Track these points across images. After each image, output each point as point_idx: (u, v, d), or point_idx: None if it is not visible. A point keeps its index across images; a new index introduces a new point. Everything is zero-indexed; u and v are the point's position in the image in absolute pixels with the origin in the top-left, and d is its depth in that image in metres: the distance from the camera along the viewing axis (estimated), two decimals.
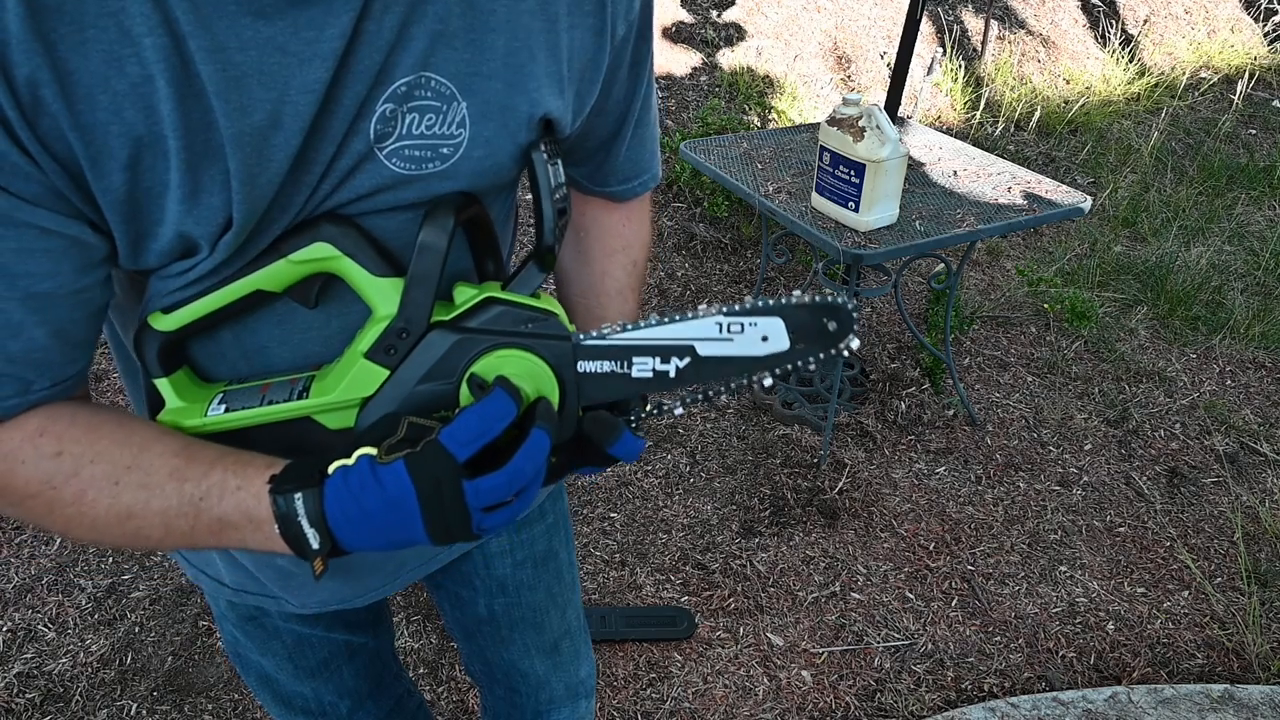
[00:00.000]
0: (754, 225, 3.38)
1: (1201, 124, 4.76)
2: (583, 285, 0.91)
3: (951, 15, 4.72)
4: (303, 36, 0.54)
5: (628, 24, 0.70)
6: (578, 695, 1.17)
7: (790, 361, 0.68)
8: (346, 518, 0.58)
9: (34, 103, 0.50)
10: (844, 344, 0.69)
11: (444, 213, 0.62)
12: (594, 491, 2.39)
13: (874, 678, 1.94)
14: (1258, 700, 1.85)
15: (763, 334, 0.67)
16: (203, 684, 1.85)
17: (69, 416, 0.60)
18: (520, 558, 1.02)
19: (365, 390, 0.65)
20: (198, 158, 0.55)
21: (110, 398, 2.54)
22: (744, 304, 0.67)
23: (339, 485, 0.58)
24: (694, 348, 0.67)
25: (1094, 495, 2.48)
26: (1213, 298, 3.39)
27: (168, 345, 0.65)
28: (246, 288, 0.62)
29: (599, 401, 0.68)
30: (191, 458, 0.61)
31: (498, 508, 0.60)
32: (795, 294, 0.69)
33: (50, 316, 0.56)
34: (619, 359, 0.67)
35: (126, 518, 0.60)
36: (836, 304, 0.68)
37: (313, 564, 0.60)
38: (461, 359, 0.64)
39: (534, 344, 0.65)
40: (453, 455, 0.58)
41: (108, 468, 0.59)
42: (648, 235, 0.94)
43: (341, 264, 0.62)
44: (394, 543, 0.60)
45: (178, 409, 0.66)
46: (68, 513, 0.60)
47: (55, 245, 0.55)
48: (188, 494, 0.60)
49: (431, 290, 0.63)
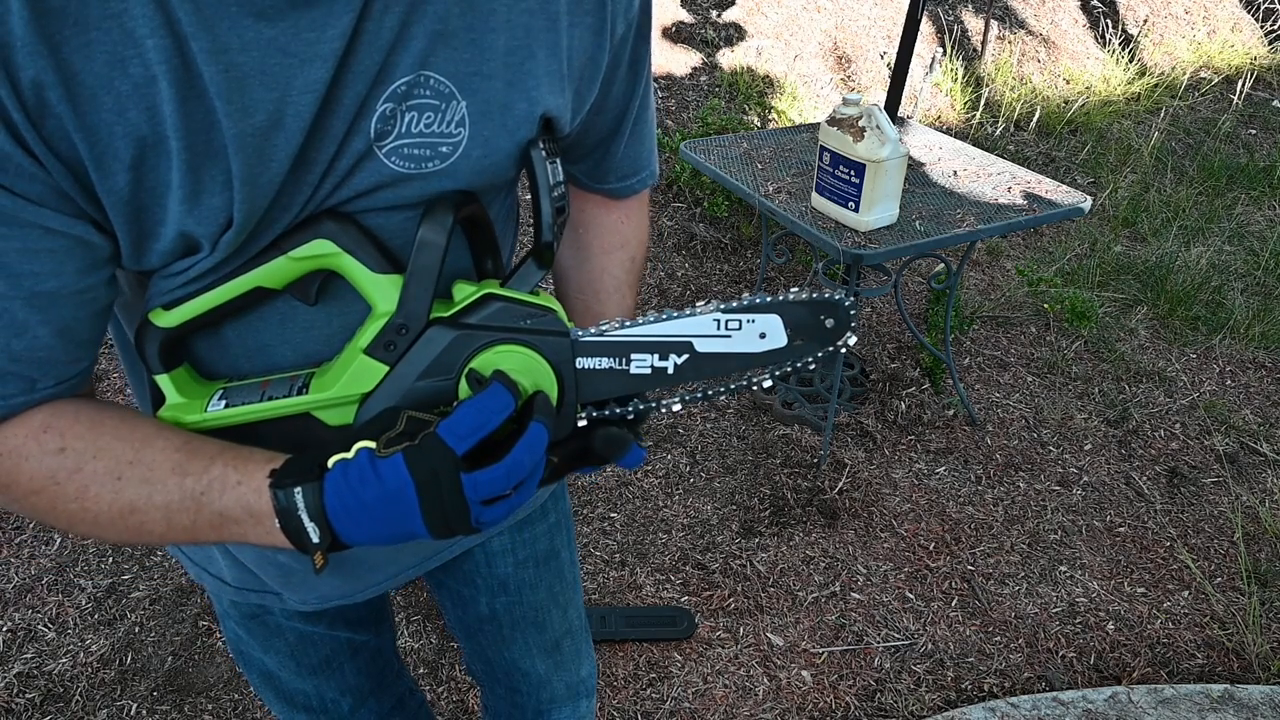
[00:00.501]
0: (754, 225, 3.38)
1: (1201, 124, 4.76)
2: (580, 282, 0.91)
3: (951, 15, 4.72)
4: (304, 38, 0.54)
5: (627, 22, 0.70)
6: (579, 695, 1.17)
7: (788, 359, 0.69)
8: (346, 511, 0.58)
9: (39, 104, 0.50)
10: (842, 341, 0.69)
11: (443, 210, 0.63)
12: (594, 491, 2.39)
13: (874, 678, 1.94)
14: (1258, 700, 1.85)
15: (761, 331, 0.67)
16: (203, 684, 1.85)
17: (73, 413, 0.61)
18: (522, 557, 1.02)
19: (364, 386, 0.65)
20: (199, 158, 0.55)
21: (111, 398, 2.54)
22: (742, 300, 0.68)
23: (338, 479, 0.58)
24: (692, 344, 0.67)
25: (1094, 495, 2.48)
26: (1213, 298, 3.39)
27: (168, 342, 0.65)
28: (247, 284, 0.63)
29: (598, 398, 0.68)
30: (193, 453, 0.62)
31: (496, 501, 0.60)
32: (793, 291, 0.69)
33: (54, 316, 0.57)
34: (618, 355, 0.67)
35: (129, 512, 0.60)
36: (834, 301, 0.68)
37: (313, 558, 0.60)
38: (460, 355, 0.64)
39: (532, 340, 0.65)
40: (451, 448, 0.58)
41: (110, 463, 0.60)
42: (646, 233, 0.94)
43: (341, 261, 0.63)
44: (394, 536, 0.60)
45: (178, 405, 0.66)
46: (70, 508, 0.60)
47: (59, 245, 0.55)
48: (189, 489, 0.60)
49: (430, 286, 0.63)
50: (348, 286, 0.65)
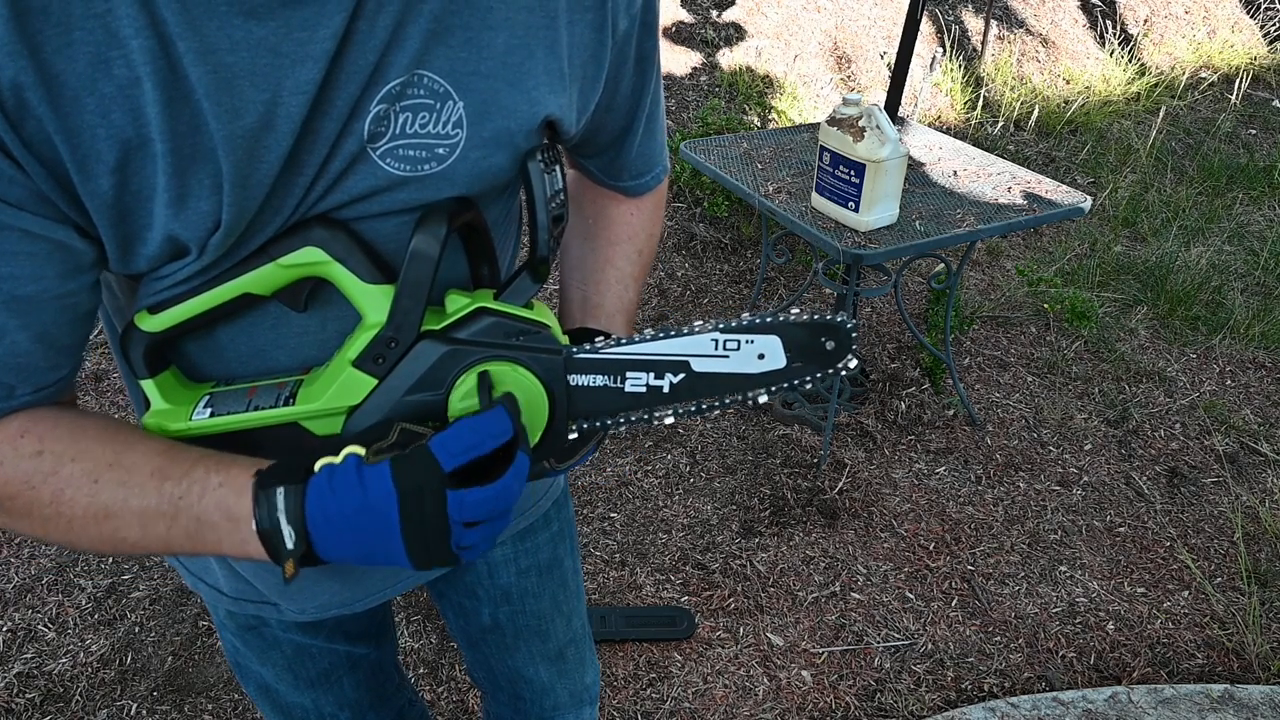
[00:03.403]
0: (754, 225, 3.38)
1: (1201, 124, 4.76)
2: (584, 271, 0.89)
3: (951, 15, 4.72)
4: (295, 37, 0.53)
5: (629, 18, 0.69)
6: (582, 702, 1.16)
7: (787, 380, 0.68)
8: (326, 518, 0.57)
9: (19, 106, 0.49)
10: (842, 364, 0.68)
11: (437, 220, 0.62)
12: (594, 492, 2.39)
13: (874, 678, 1.94)
14: (1258, 700, 1.85)
15: (759, 352, 0.67)
16: (203, 684, 1.85)
17: (53, 419, 0.60)
18: (524, 566, 1.01)
19: (352, 399, 0.64)
20: (186, 161, 0.54)
21: (110, 398, 2.54)
22: (741, 320, 0.67)
23: (322, 484, 0.57)
24: (689, 364, 0.66)
25: (1094, 495, 2.48)
26: (1213, 298, 3.39)
27: (154, 346, 0.64)
28: (234, 290, 0.62)
29: (591, 415, 0.68)
30: (174, 457, 0.61)
31: (477, 525, 0.59)
32: (793, 312, 0.68)
33: (33, 321, 0.56)
34: (612, 373, 0.66)
35: (104, 517, 0.59)
36: (835, 323, 0.67)
37: (283, 566, 0.59)
38: (450, 370, 0.63)
39: (524, 357, 0.64)
40: (439, 463, 0.57)
41: (88, 465, 0.59)
42: (657, 227, 0.93)
43: (331, 269, 0.62)
44: (370, 552, 0.59)
45: (163, 411, 0.65)
46: (45, 513, 0.59)
47: (39, 249, 0.54)
48: (168, 493, 0.59)
49: (422, 299, 0.62)
50: (339, 296, 0.64)
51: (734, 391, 0.68)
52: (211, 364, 0.69)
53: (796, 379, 0.68)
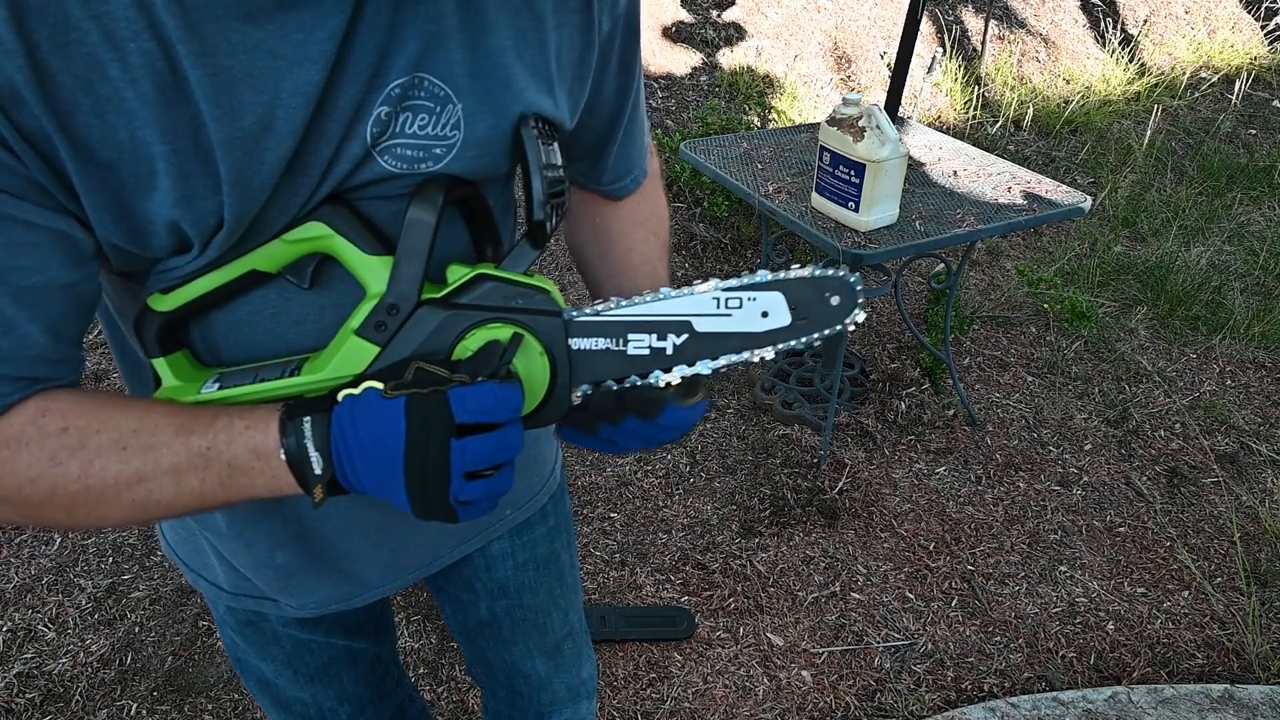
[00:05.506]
0: (754, 225, 3.38)
1: (1201, 124, 4.76)
2: (610, 267, 0.90)
3: (951, 15, 4.72)
4: (292, 39, 0.54)
5: (613, 19, 0.70)
6: (579, 696, 1.17)
7: (791, 338, 0.67)
8: (347, 446, 0.58)
9: (15, 102, 0.50)
10: (850, 319, 0.67)
11: (433, 190, 0.63)
12: (594, 491, 2.39)
13: (874, 678, 1.94)
14: (1258, 700, 1.85)
15: (763, 309, 0.66)
16: (203, 684, 1.85)
17: (71, 396, 0.60)
18: (521, 560, 1.02)
19: (355, 368, 0.65)
20: (186, 161, 0.55)
21: None
22: (742, 278, 0.66)
23: (345, 413, 0.59)
24: (691, 324, 0.66)
25: (1094, 495, 2.48)
26: (1213, 298, 3.39)
27: (166, 326, 0.65)
28: (242, 267, 0.63)
29: (595, 379, 0.67)
30: (195, 414, 0.62)
31: (477, 477, 0.60)
32: (796, 268, 0.67)
33: (41, 313, 0.56)
34: (614, 336, 0.66)
35: (135, 482, 0.59)
36: (839, 277, 0.66)
37: (313, 492, 0.60)
38: (451, 335, 0.64)
39: (524, 319, 0.64)
40: (453, 412, 0.58)
41: (114, 434, 0.59)
42: (664, 211, 0.94)
43: (334, 242, 0.63)
44: (380, 485, 0.60)
45: (173, 387, 0.67)
46: (72, 490, 0.58)
47: (43, 240, 0.54)
48: (195, 446, 0.60)
49: (420, 265, 0.63)
50: (341, 275, 0.65)
51: (739, 351, 0.67)
52: (210, 358, 0.70)
53: (803, 336, 0.67)
